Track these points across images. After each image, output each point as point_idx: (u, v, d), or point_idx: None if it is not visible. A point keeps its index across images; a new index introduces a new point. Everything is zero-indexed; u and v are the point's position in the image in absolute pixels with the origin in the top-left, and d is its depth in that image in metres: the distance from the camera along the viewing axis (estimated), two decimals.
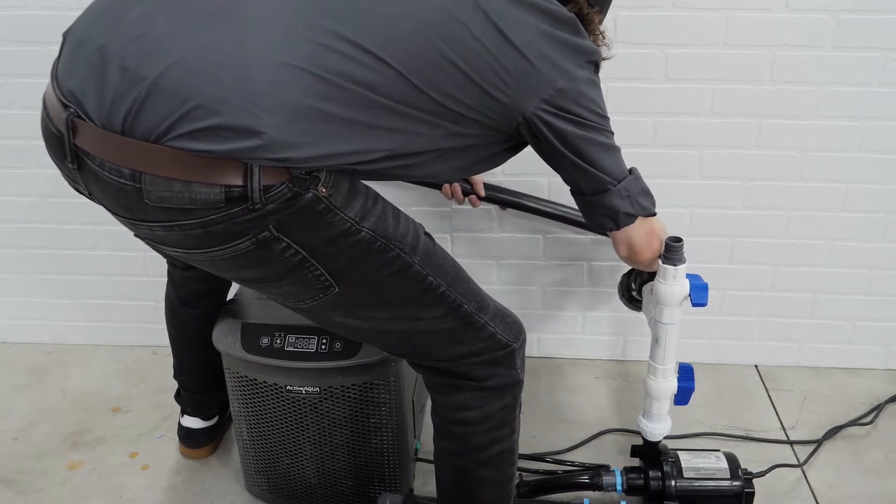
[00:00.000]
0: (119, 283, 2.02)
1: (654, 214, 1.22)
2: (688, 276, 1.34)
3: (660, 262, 1.34)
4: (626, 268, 1.70)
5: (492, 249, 1.91)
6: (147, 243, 1.10)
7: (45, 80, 1.01)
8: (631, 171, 1.18)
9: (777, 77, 1.67)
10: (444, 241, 1.90)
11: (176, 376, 1.66)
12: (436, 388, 1.21)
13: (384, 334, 1.14)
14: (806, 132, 1.72)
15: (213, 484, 1.64)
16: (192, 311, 1.54)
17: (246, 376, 1.42)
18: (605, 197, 1.14)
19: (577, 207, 1.75)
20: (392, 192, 1.83)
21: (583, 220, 1.75)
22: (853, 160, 1.74)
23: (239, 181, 0.90)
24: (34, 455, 1.72)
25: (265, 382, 1.41)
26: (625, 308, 1.70)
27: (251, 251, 0.96)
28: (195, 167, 0.89)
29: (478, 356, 1.16)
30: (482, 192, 1.69)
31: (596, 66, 1.11)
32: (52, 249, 2.00)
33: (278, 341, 1.38)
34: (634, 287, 1.60)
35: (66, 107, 0.94)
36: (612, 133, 1.15)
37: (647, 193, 1.20)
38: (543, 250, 1.90)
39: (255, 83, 0.87)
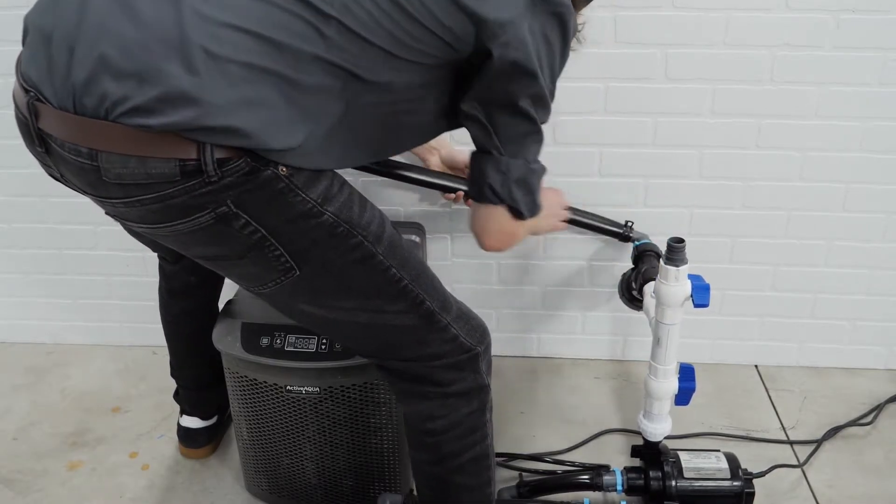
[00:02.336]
0: (119, 283, 2.02)
1: (522, 216, 1.11)
2: (689, 276, 1.34)
3: (662, 262, 1.34)
4: (627, 267, 1.70)
5: None
6: (119, 223, 1.10)
7: None
8: (534, 161, 1.09)
9: (777, 77, 1.67)
10: (444, 240, 1.90)
11: (173, 373, 1.66)
12: (402, 396, 1.21)
13: (348, 326, 1.12)
14: (806, 132, 1.72)
15: (213, 484, 1.64)
16: (185, 303, 1.54)
17: (246, 376, 1.42)
18: (483, 158, 1.07)
19: (577, 209, 1.78)
20: (392, 192, 1.84)
21: (585, 220, 1.77)
22: (853, 160, 1.74)
23: (193, 154, 0.90)
24: (34, 455, 1.72)
25: (265, 382, 1.41)
26: (625, 308, 1.70)
27: (211, 226, 0.96)
28: (147, 143, 0.89)
29: (441, 359, 1.15)
30: None
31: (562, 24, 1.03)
32: (52, 249, 2.00)
33: (278, 341, 1.38)
34: (635, 286, 1.61)
35: (26, 91, 0.95)
36: (544, 110, 1.07)
37: (528, 190, 1.09)
38: (543, 250, 1.90)
39: (190, 50, 0.87)
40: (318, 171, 1.00)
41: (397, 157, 1.67)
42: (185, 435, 1.68)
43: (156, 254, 1.52)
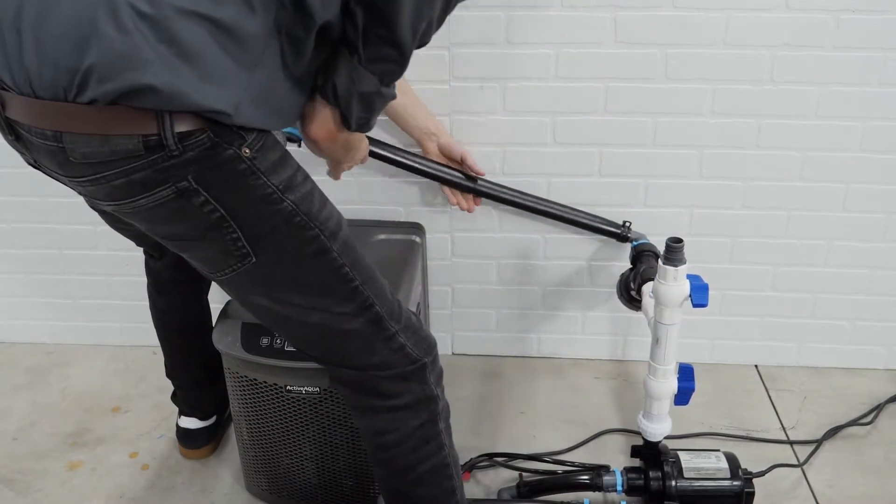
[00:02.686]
0: (119, 283, 2.02)
1: (349, 126, 1.07)
2: (688, 276, 1.34)
3: (660, 262, 1.34)
4: (626, 267, 1.70)
5: (492, 249, 1.91)
6: (89, 204, 1.12)
7: None
8: (386, 84, 1.04)
9: (777, 77, 1.67)
10: (444, 241, 1.90)
11: (168, 374, 1.66)
12: (355, 412, 1.21)
13: (298, 326, 1.13)
14: (806, 132, 1.72)
15: (213, 484, 1.64)
16: (172, 299, 1.55)
17: (246, 376, 1.42)
18: (343, 54, 1.01)
19: (575, 209, 1.79)
20: (392, 192, 1.84)
21: (583, 220, 1.77)
22: (853, 160, 1.74)
23: (153, 129, 0.91)
24: (34, 455, 1.72)
25: (265, 382, 1.41)
26: (625, 308, 1.70)
27: (171, 201, 0.97)
28: (107, 120, 0.90)
29: (388, 369, 1.15)
30: (481, 171, 1.69)
31: None
32: (52, 249, 2.00)
33: (278, 341, 1.38)
34: (634, 287, 1.61)
35: None
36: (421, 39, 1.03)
37: (367, 108, 1.05)
38: (543, 250, 1.90)
39: (119, 8, 0.86)
40: (284, 160, 1.02)
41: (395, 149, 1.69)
42: (184, 436, 1.68)
43: (142, 250, 1.53)
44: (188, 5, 0.87)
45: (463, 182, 1.69)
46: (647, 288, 1.52)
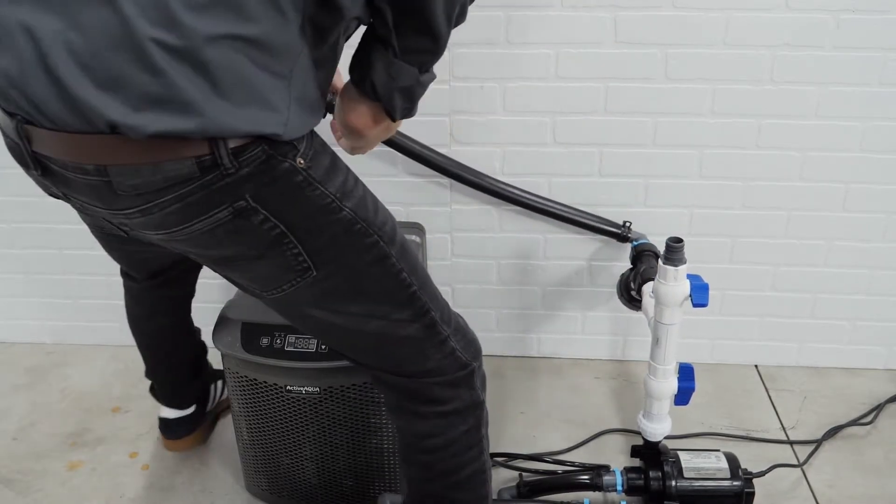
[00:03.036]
0: (119, 283, 2.01)
1: (393, 118, 1.03)
2: (688, 276, 1.34)
3: (660, 262, 1.34)
4: (627, 267, 1.70)
5: (492, 249, 1.91)
6: (94, 231, 1.07)
7: None
8: (425, 72, 0.99)
9: (777, 77, 1.67)
10: (444, 241, 1.90)
11: (147, 375, 1.65)
12: (398, 413, 1.19)
13: (355, 335, 1.11)
14: (806, 132, 1.72)
15: (213, 484, 1.64)
16: (151, 315, 1.54)
17: (246, 376, 1.42)
18: (376, 49, 0.95)
19: (575, 209, 1.79)
20: (392, 192, 1.84)
21: (583, 220, 1.77)
22: (853, 160, 1.74)
23: (206, 150, 0.87)
24: (34, 455, 1.72)
25: (265, 382, 1.41)
26: (625, 308, 1.70)
27: (229, 222, 0.94)
28: (157, 147, 0.86)
29: (440, 375, 1.14)
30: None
31: None
32: (52, 249, 2.00)
33: (278, 341, 1.38)
34: (634, 287, 1.61)
35: (11, 116, 0.91)
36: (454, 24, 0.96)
37: (409, 98, 1.00)
38: (543, 250, 1.90)
39: (143, 48, 0.81)
40: (335, 165, 0.99)
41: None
42: (164, 427, 1.68)
43: (120, 274, 1.51)
44: (219, 29, 0.82)
45: (468, 177, 1.69)
46: (648, 288, 1.52)
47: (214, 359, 1.62)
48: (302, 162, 0.93)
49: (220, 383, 1.78)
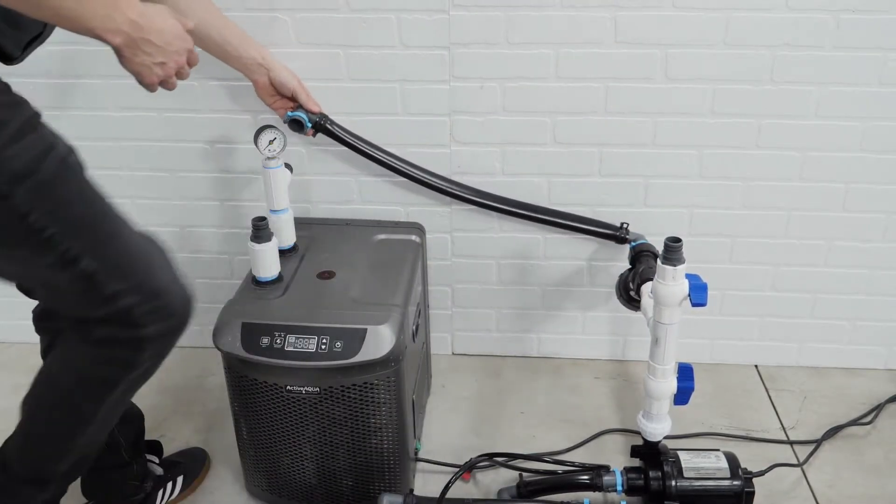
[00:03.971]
0: None
1: None
2: (687, 275, 1.34)
3: (659, 262, 1.34)
4: (625, 268, 1.70)
5: (492, 249, 1.91)
6: None
7: (45, 80, 1.00)
8: None
9: (777, 77, 1.67)
10: (444, 241, 1.90)
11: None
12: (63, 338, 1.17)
13: (19, 277, 1.07)
14: (806, 132, 1.72)
15: (213, 484, 1.64)
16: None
17: (246, 376, 1.42)
18: None
19: (570, 214, 1.79)
20: (392, 192, 1.84)
21: (579, 225, 1.77)
22: (853, 160, 1.74)
23: None
24: None
25: (265, 382, 1.41)
26: (624, 308, 1.70)
27: None
28: None
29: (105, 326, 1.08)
30: (315, 106, 1.58)
31: None
32: None
33: (278, 341, 1.38)
34: (633, 287, 1.61)
35: None
36: None
37: None
38: (543, 250, 1.90)
39: None
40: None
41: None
42: None
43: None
44: None
45: (454, 191, 1.71)
46: (647, 288, 1.52)
47: (215, 358, 1.62)
48: None
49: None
